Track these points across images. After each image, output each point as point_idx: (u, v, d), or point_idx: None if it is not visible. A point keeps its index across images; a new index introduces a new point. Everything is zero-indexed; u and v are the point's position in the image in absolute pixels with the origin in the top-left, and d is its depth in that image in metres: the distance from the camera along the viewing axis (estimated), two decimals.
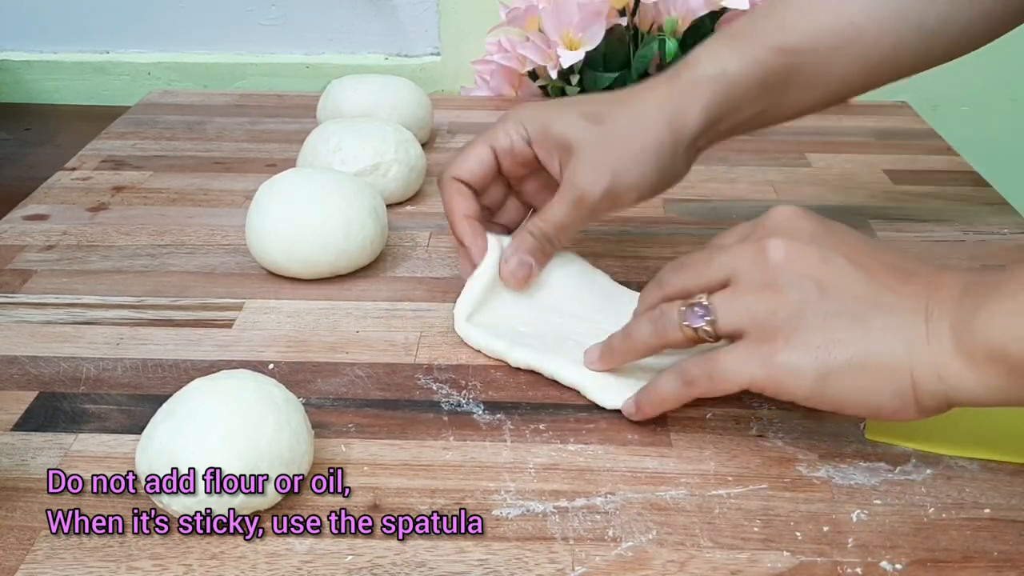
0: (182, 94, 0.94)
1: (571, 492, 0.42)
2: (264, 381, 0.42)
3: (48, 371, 0.50)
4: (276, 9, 0.99)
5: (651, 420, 0.46)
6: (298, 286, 0.58)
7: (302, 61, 1.00)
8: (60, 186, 0.72)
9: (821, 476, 0.43)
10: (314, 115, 0.81)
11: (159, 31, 1.00)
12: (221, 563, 0.38)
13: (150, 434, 0.40)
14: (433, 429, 0.46)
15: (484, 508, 0.41)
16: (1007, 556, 0.39)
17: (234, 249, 0.63)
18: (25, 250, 0.63)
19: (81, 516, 0.40)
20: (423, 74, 0.99)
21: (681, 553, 0.39)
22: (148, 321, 0.55)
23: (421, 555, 0.39)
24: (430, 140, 0.81)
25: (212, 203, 0.70)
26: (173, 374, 0.50)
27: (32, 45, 1.01)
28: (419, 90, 0.79)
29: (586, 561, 0.38)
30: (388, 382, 0.50)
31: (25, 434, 0.45)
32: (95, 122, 0.86)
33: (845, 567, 0.38)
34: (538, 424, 0.46)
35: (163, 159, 0.78)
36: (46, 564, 0.38)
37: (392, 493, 0.42)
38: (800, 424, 0.46)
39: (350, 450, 0.45)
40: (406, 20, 0.99)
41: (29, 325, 0.54)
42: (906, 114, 0.88)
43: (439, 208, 0.69)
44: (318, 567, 0.38)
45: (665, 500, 0.42)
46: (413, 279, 0.60)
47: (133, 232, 0.65)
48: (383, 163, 0.66)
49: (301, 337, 0.53)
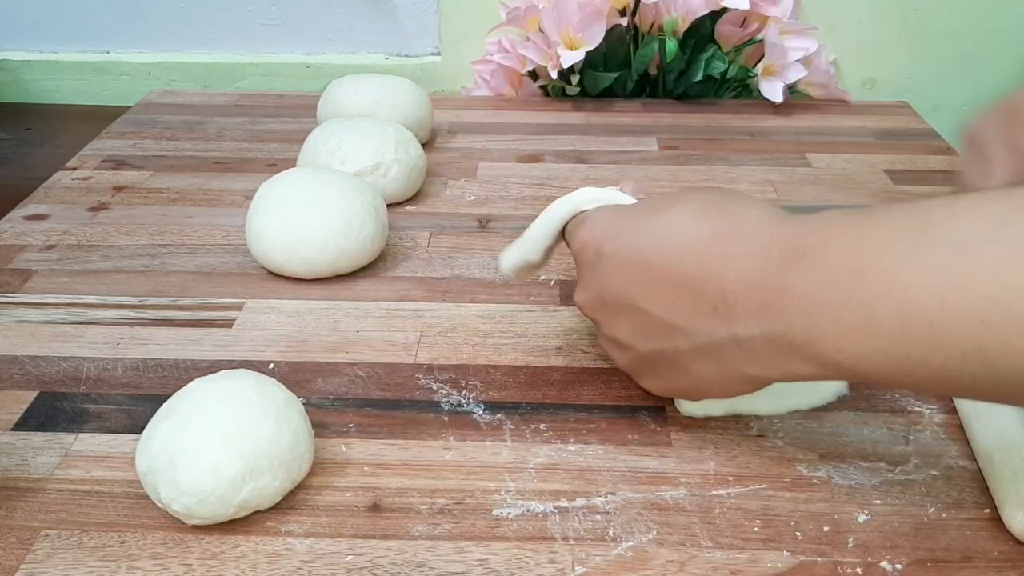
0: (182, 94, 0.94)
1: (571, 492, 0.42)
2: (264, 381, 0.42)
3: (48, 371, 0.50)
4: (276, 9, 0.99)
5: (651, 420, 0.46)
6: (298, 286, 0.58)
7: (302, 61, 1.00)
8: (60, 186, 0.72)
9: (821, 476, 0.43)
10: (314, 115, 0.81)
11: (159, 31, 1.00)
12: (221, 563, 0.38)
13: (150, 434, 0.40)
14: (433, 429, 0.46)
15: (484, 508, 0.41)
16: (1007, 556, 0.39)
17: (234, 249, 0.63)
18: (25, 250, 0.63)
19: (81, 516, 0.40)
20: (423, 74, 0.99)
21: (681, 553, 0.39)
22: (148, 321, 0.55)
23: (421, 555, 0.39)
24: (430, 140, 0.81)
25: (212, 203, 0.70)
26: (173, 374, 0.50)
27: (32, 45, 1.01)
28: (419, 90, 0.79)
29: (586, 561, 0.38)
30: (388, 382, 0.50)
31: (25, 434, 0.45)
32: (95, 122, 0.86)
33: (845, 567, 0.38)
34: (538, 424, 0.46)
35: (163, 159, 0.78)
36: (46, 564, 0.38)
37: (392, 493, 0.42)
38: (800, 424, 0.46)
39: (350, 450, 0.45)
40: (406, 20, 0.99)
41: (29, 325, 0.54)
42: (906, 114, 0.88)
43: (439, 208, 0.69)
44: (318, 567, 0.38)
45: (665, 500, 0.42)
46: (413, 279, 0.60)
47: (133, 232, 0.65)
48: (383, 163, 0.66)
49: (301, 337, 0.53)
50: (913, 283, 0.32)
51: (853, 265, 0.34)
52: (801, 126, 0.86)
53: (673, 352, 0.40)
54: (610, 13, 0.87)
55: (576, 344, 0.53)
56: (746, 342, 0.37)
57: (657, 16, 0.88)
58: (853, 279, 0.34)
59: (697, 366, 0.40)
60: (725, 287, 0.37)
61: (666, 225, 0.40)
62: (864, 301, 0.33)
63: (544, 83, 0.92)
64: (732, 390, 0.41)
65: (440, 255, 0.62)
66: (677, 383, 0.42)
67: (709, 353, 0.39)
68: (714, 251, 0.38)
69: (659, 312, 0.40)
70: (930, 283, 0.32)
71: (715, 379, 0.40)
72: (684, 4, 0.86)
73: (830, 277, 0.34)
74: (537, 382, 0.49)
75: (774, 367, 0.37)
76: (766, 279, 0.36)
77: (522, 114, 0.88)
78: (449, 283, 0.59)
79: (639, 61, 0.89)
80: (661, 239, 0.40)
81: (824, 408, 0.47)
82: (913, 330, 0.32)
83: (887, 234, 0.34)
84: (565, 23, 0.85)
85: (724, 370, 0.39)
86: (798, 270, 0.35)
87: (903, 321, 0.32)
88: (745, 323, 0.37)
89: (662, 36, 0.87)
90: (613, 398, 0.48)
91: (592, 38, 0.85)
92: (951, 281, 0.31)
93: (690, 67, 0.89)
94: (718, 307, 0.38)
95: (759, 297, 0.36)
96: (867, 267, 0.33)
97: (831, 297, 0.34)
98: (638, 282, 0.41)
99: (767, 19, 0.87)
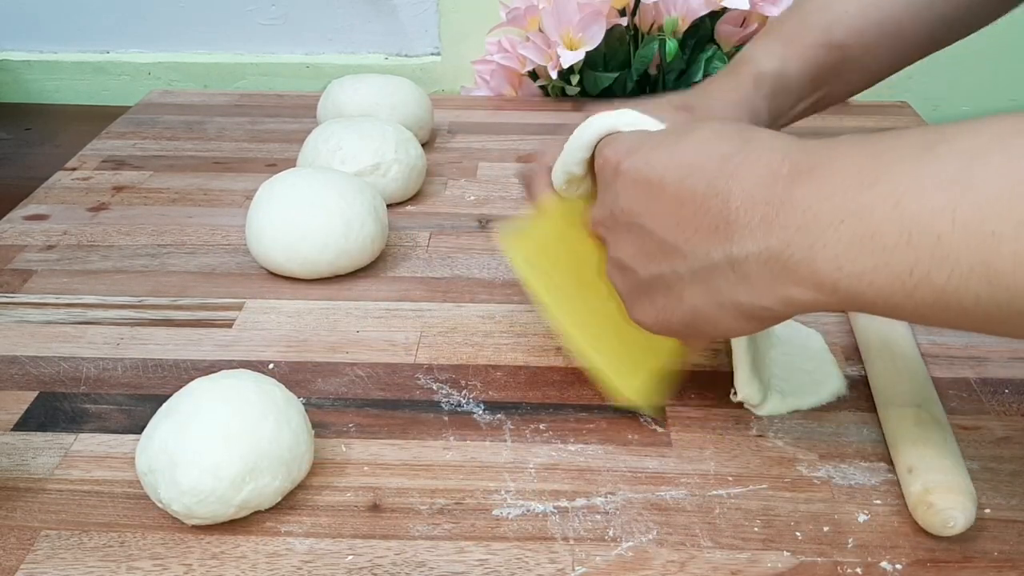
0: (182, 94, 0.94)
1: (571, 492, 0.42)
2: (264, 381, 0.42)
3: (48, 371, 0.50)
4: (276, 9, 0.99)
5: (651, 420, 0.46)
6: (298, 286, 0.58)
7: (302, 61, 1.00)
8: (60, 186, 0.72)
9: (821, 476, 0.43)
10: (314, 115, 0.81)
11: (159, 31, 1.00)
12: (221, 563, 0.38)
13: (150, 434, 0.40)
14: (433, 429, 0.46)
15: (484, 508, 0.41)
16: (1007, 556, 0.39)
17: (234, 249, 0.63)
18: (25, 250, 0.63)
19: (81, 516, 0.40)
20: (423, 74, 0.99)
21: (681, 553, 0.39)
22: (148, 321, 0.55)
23: (421, 555, 0.39)
24: (430, 140, 0.81)
25: (212, 203, 0.70)
26: (173, 374, 0.50)
27: (32, 45, 1.01)
28: (419, 90, 0.79)
29: (586, 561, 0.38)
30: (388, 382, 0.50)
31: (25, 434, 0.45)
32: (95, 122, 0.86)
33: (845, 567, 0.38)
34: (538, 424, 0.46)
35: (163, 159, 0.78)
36: (46, 564, 0.38)
37: (392, 493, 0.42)
38: (800, 424, 0.46)
39: (350, 450, 0.45)
40: (406, 20, 0.99)
41: (29, 325, 0.54)
42: (906, 114, 0.88)
43: (439, 208, 0.69)
44: (318, 567, 0.38)
45: (665, 500, 0.42)
46: (413, 279, 0.60)
47: (133, 232, 0.65)
48: (383, 163, 0.66)
49: (301, 337, 0.53)
50: (922, 193, 0.31)
51: (861, 176, 0.33)
52: (801, 126, 0.85)
53: (671, 276, 0.39)
54: (610, 13, 0.87)
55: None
56: (741, 263, 0.36)
57: (657, 16, 0.88)
58: (860, 189, 0.33)
59: (690, 293, 0.39)
60: (729, 204, 0.36)
61: (684, 146, 0.40)
62: (869, 212, 0.32)
63: (544, 83, 0.92)
64: (723, 325, 0.39)
65: (440, 255, 0.62)
66: (670, 313, 0.41)
67: (704, 278, 0.38)
68: (724, 170, 0.37)
69: (661, 232, 0.39)
70: (940, 193, 0.31)
71: (706, 308, 0.39)
72: (684, 4, 0.86)
73: (836, 188, 0.33)
74: (537, 382, 0.49)
75: (767, 292, 0.36)
76: (771, 194, 0.35)
77: (522, 114, 0.88)
78: (449, 283, 0.59)
79: (639, 61, 0.89)
80: (675, 159, 0.39)
81: (824, 408, 0.47)
82: (919, 243, 0.31)
83: (899, 146, 0.33)
84: (565, 23, 0.85)
85: (715, 298, 0.38)
86: (804, 183, 0.34)
87: (909, 233, 0.31)
88: (742, 241, 0.36)
89: (662, 36, 0.87)
90: (613, 398, 0.48)
91: (592, 38, 0.85)
92: (962, 191, 0.30)
93: (690, 67, 0.89)
94: (719, 226, 0.37)
95: (761, 212, 0.35)
96: (876, 177, 0.32)
97: (835, 209, 0.33)
98: (646, 200, 0.40)
99: (767, 19, 0.87)
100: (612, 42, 0.89)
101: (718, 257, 0.37)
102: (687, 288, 0.39)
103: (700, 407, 0.47)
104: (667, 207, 0.39)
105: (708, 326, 0.40)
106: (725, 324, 0.39)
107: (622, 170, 0.41)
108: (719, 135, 0.39)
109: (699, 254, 0.38)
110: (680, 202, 0.38)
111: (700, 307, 0.39)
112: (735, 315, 0.38)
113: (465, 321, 0.55)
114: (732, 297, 0.37)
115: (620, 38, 0.89)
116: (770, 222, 0.35)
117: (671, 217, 0.39)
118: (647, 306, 0.42)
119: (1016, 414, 0.47)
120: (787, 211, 0.34)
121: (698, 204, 0.38)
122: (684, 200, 0.38)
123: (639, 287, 0.42)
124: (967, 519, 0.39)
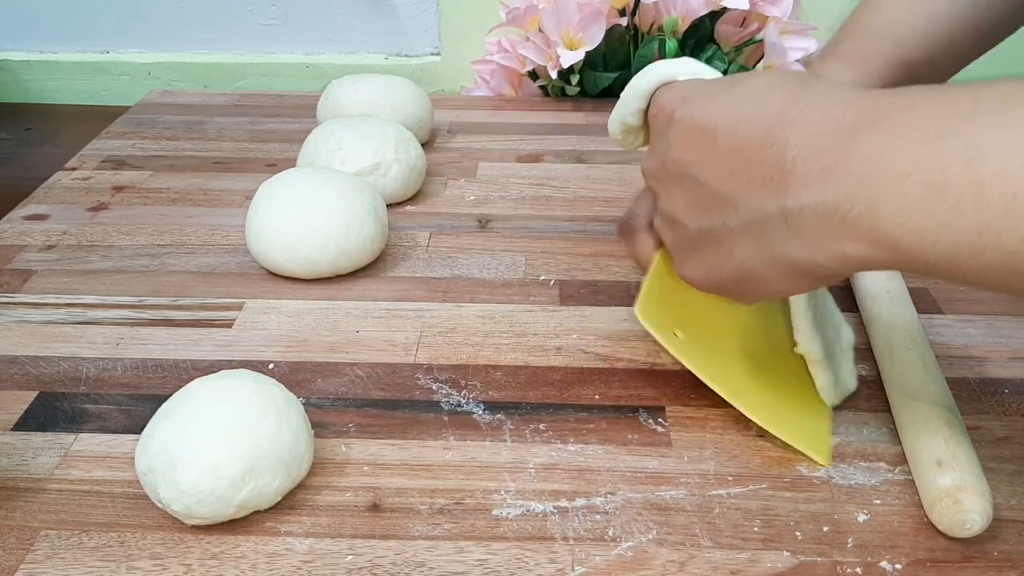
0: (182, 94, 0.94)
1: (571, 492, 0.42)
2: (264, 381, 0.42)
3: (48, 371, 0.50)
4: (276, 9, 0.99)
5: (651, 420, 0.46)
6: (298, 286, 0.58)
7: (302, 61, 1.00)
8: (60, 186, 0.72)
9: (821, 476, 0.43)
10: (314, 115, 0.81)
11: (159, 31, 1.00)
12: (221, 563, 0.38)
13: (150, 434, 0.40)
14: (433, 429, 0.46)
15: (484, 508, 0.41)
16: (1007, 556, 0.39)
17: (234, 249, 0.63)
18: (25, 250, 0.63)
19: (81, 516, 0.40)
20: (423, 74, 0.99)
21: (681, 553, 0.39)
22: (148, 321, 0.55)
23: (421, 555, 0.39)
24: (430, 140, 0.81)
25: (212, 203, 0.70)
26: (173, 374, 0.50)
27: (32, 45, 1.01)
28: (419, 90, 0.79)
29: (586, 561, 0.38)
30: (388, 382, 0.50)
31: (25, 434, 0.45)
32: (95, 122, 0.86)
33: (845, 567, 0.38)
34: (538, 424, 0.46)
35: (163, 159, 0.78)
36: (46, 564, 0.38)
37: (392, 493, 0.42)
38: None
39: (350, 450, 0.45)
40: (406, 20, 0.99)
41: (29, 325, 0.54)
42: None
43: (439, 208, 0.69)
44: (318, 567, 0.38)
45: (665, 500, 0.42)
46: (413, 279, 0.60)
47: (133, 232, 0.65)
48: (383, 163, 0.66)
49: (301, 337, 0.53)
50: (999, 151, 0.29)
51: (932, 129, 0.31)
52: None
53: (721, 230, 0.38)
54: (610, 13, 0.87)
55: (576, 344, 0.53)
56: (795, 216, 0.34)
57: (657, 16, 0.89)
58: (929, 143, 0.31)
59: (740, 248, 0.37)
60: (786, 153, 0.35)
61: (740, 94, 0.38)
62: (939, 167, 0.30)
63: (544, 83, 0.92)
64: (773, 283, 0.38)
65: (440, 255, 0.62)
66: (719, 269, 0.39)
67: (755, 232, 0.36)
68: (783, 118, 0.35)
69: (714, 183, 0.38)
70: (1018, 152, 0.29)
71: (756, 264, 0.37)
72: (684, 4, 0.86)
73: (904, 140, 0.31)
74: (537, 382, 0.49)
75: (821, 247, 0.34)
76: (832, 144, 0.33)
77: (522, 114, 0.88)
78: (449, 283, 0.59)
79: (639, 61, 0.89)
80: (730, 107, 0.38)
81: None
82: (991, 203, 0.29)
83: (974, 99, 0.31)
84: (565, 23, 0.85)
85: (765, 252, 0.36)
86: (869, 134, 0.32)
87: (982, 191, 0.29)
88: (797, 193, 0.34)
89: (662, 36, 0.87)
90: (613, 398, 0.48)
91: (592, 38, 0.85)
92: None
93: None
94: (773, 177, 0.35)
95: (821, 163, 0.33)
96: (948, 131, 0.30)
97: (902, 162, 0.31)
98: (699, 150, 0.39)
99: (767, 19, 0.87)
100: (612, 42, 0.89)
101: (772, 209, 0.35)
102: (737, 242, 0.38)
103: (700, 407, 0.47)
104: (720, 157, 0.38)
105: (757, 284, 0.38)
106: (775, 281, 0.38)
107: (676, 119, 0.40)
108: (778, 83, 0.38)
109: (752, 206, 0.36)
110: (734, 151, 0.37)
111: (750, 263, 0.37)
112: (786, 272, 0.37)
113: (465, 321, 0.55)
114: (783, 252, 0.36)
115: (620, 38, 0.89)
116: (829, 173, 0.33)
117: (724, 167, 0.37)
118: (696, 262, 0.41)
119: (1016, 414, 0.47)
120: (848, 162, 0.33)
121: (753, 153, 0.36)
122: (738, 149, 0.37)
123: (688, 241, 0.40)
124: (982, 526, 0.39)
